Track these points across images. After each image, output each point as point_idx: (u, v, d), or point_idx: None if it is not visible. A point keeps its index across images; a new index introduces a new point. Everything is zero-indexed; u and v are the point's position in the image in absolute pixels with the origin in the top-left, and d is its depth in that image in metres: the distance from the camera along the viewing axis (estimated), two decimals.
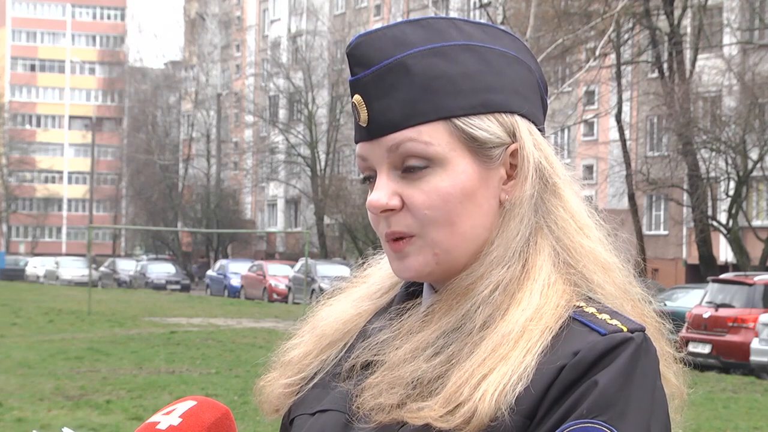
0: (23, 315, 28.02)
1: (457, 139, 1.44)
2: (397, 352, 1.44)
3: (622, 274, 1.50)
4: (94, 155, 78.80)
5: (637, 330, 1.39)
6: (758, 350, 18.47)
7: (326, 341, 1.57)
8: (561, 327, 1.39)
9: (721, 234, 34.08)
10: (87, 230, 59.27)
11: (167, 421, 1.44)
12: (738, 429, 12.33)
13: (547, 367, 1.36)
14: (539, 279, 1.43)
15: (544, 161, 1.48)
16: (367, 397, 1.42)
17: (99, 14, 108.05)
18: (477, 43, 1.48)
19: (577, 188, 1.51)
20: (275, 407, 1.59)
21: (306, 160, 58.48)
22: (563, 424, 1.33)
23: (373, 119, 1.45)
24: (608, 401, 1.33)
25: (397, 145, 1.44)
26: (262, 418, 1.63)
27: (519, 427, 1.35)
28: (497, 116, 1.46)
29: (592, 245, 1.47)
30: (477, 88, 1.45)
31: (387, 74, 1.45)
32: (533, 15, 27.20)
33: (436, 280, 1.48)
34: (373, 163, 1.47)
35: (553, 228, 1.47)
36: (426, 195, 1.43)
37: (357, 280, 1.64)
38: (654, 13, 34.62)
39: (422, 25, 1.48)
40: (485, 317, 1.41)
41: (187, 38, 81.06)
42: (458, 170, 1.44)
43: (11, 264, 70.78)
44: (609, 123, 44.67)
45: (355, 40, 1.47)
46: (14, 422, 11.16)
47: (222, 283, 48.93)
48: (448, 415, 1.35)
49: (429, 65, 1.45)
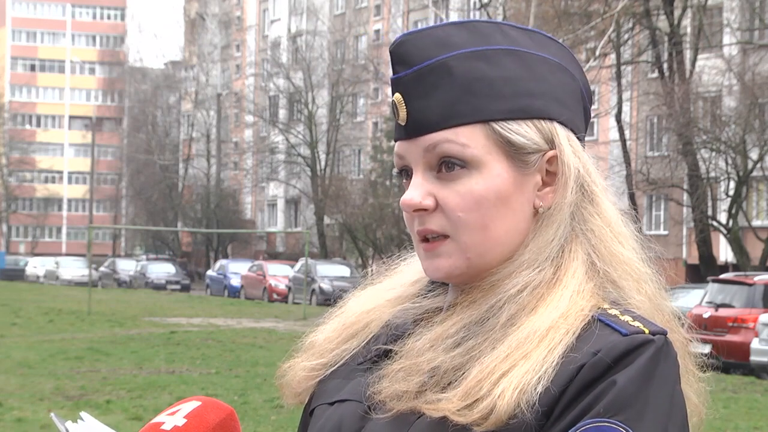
0: (23, 315, 28.01)
1: (494, 142, 1.44)
2: (417, 342, 1.44)
3: (654, 285, 1.50)
4: (94, 155, 78.76)
5: (658, 333, 1.39)
6: (758, 350, 18.48)
7: (351, 330, 1.57)
8: (584, 328, 1.39)
9: (721, 234, 34.07)
10: (87, 230, 59.26)
11: (172, 421, 1.45)
12: (738, 429, 12.33)
13: (567, 367, 1.36)
14: (570, 285, 1.43)
15: (582, 169, 1.49)
16: (384, 385, 1.43)
17: (99, 14, 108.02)
18: (521, 49, 1.48)
19: (612, 197, 1.52)
20: (296, 391, 1.59)
21: (306, 160, 58.46)
22: (580, 422, 1.33)
23: (411, 118, 1.46)
24: (626, 401, 1.33)
25: (434, 145, 1.44)
26: (283, 402, 1.63)
27: (536, 425, 1.35)
28: (536, 122, 1.47)
29: (628, 254, 1.48)
30: (517, 93, 1.45)
31: (428, 74, 1.45)
32: (533, 15, 27.21)
33: (466, 282, 1.48)
34: (409, 161, 1.47)
35: (589, 236, 1.47)
36: (461, 197, 1.44)
37: (388, 273, 1.64)
38: (654, 13, 34.60)
39: (467, 28, 1.48)
40: (509, 315, 1.41)
41: (187, 38, 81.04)
42: (493, 174, 1.44)
43: (11, 264, 70.78)
44: (609, 123, 44.66)
45: (400, 38, 1.48)
46: (14, 422, 11.17)
47: (222, 283, 48.92)
48: (465, 410, 1.36)
49: (471, 68, 1.45)
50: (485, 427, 1.34)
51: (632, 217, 1.54)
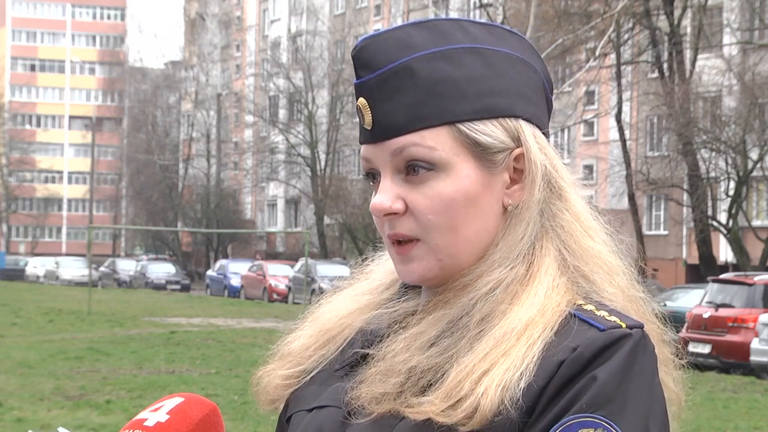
0: (23, 315, 28.01)
1: (461, 144, 1.44)
2: (394, 344, 1.44)
3: (626, 278, 1.50)
4: (94, 155, 78.79)
5: (635, 326, 1.39)
6: (758, 350, 18.47)
7: (326, 336, 1.57)
8: (561, 324, 1.40)
9: (721, 234, 34.07)
10: (87, 230, 59.27)
11: (155, 417, 1.44)
12: (738, 429, 12.33)
13: (547, 363, 1.36)
14: (544, 282, 1.43)
15: (549, 165, 1.48)
16: (362, 389, 1.43)
17: (99, 14, 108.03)
18: (482, 46, 1.47)
19: (581, 191, 1.52)
20: (272, 398, 1.59)
21: (306, 160, 58.48)
22: (563, 418, 1.34)
23: (377, 122, 1.45)
24: (607, 396, 1.34)
25: (400, 149, 1.44)
26: (258, 409, 1.64)
27: (520, 421, 1.35)
28: (501, 121, 1.46)
29: (598, 248, 1.48)
30: (481, 93, 1.45)
31: (392, 78, 1.44)
32: (533, 15, 27.22)
33: (440, 284, 1.48)
34: (376, 165, 1.47)
35: (559, 231, 1.47)
36: (429, 200, 1.43)
37: (359, 276, 1.64)
38: (654, 13, 34.61)
39: (427, 28, 1.47)
40: (484, 313, 1.42)
41: (187, 38, 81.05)
42: (462, 175, 1.44)
43: (11, 264, 70.73)
44: (609, 123, 44.67)
45: (361, 42, 1.47)
46: (14, 422, 11.16)
47: (222, 283, 48.92)
48: (449, 410, 1.36)
49: (434, 69, 1.44)
50: (470, 427, 1.35)
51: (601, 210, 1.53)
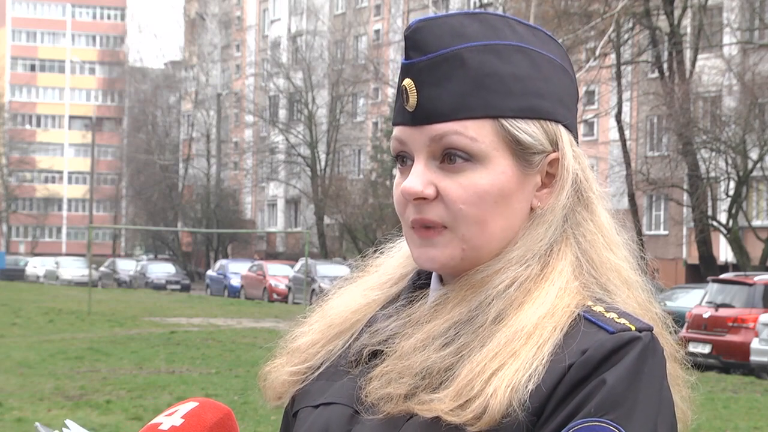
0: (23, 315, 28.01)
1: (502, 139, 1.44)
2: (407, 341, 1.44)
3: (644, 294, 1.50)
4: (94, 155, 78.75)
5: (644, 329, 1.39)
6: (758, 350, 18.47)
7: (334, 330, 1.56)
8: (570, 325, 1.39)
9: (721, 234, 34.07)
10: (87, 230, 59.25)
11: (170, 422, 1.45)
12: (738, 429, 12.33)
13: (556, 365, 1.36)
14: (557, 282, 1.43)
15: (581, 174, 1.49)
16: (375, 387, 1.42)
17: (99, 14, 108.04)
18: (528, 46, 1.48)
19: (608, 205, 1.52)
20: (278, 394, 1.58)
21: (306, 160, 58.49)
22: (571, 422, 1.33)
23: (421, 106, 1.45)
24: (616, 400, 1.34)
25: (441, 135, 1.44)
26: (265, 404, 1.63)
27: (528, 423, 1.35)
28: (543, 123, 1.47)
29: (618, 261, 1.48)
30: (527, 92, 1.46)
31: (442, 63, 1.44)
32: (533, 15, 27.22)
33: (456, 275, 1.47)
34: (410, 148, 1.47)
35: (580, 239, 1.48)
36: (463, 189, 1.43)
37: (369, 269, 1.63)
38: (654, 13, 34.60)
39: (479, 20, 1.47)
40: (498, 311, 1.41)
41: (187, 38, 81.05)
42: (498, 170, 1.44)
43: (11, 264, 70.74)
44: (609, 123, 44.67)
45: (414, 24, 1.48)
46: (14, 422, 11.16)
47: (222, 283, 48.93)
48: (458, 409, 1.35)
49: (483, 61, 1.44)
50: (479, 427, 1.34)
51: (628, 226, 1.54)
